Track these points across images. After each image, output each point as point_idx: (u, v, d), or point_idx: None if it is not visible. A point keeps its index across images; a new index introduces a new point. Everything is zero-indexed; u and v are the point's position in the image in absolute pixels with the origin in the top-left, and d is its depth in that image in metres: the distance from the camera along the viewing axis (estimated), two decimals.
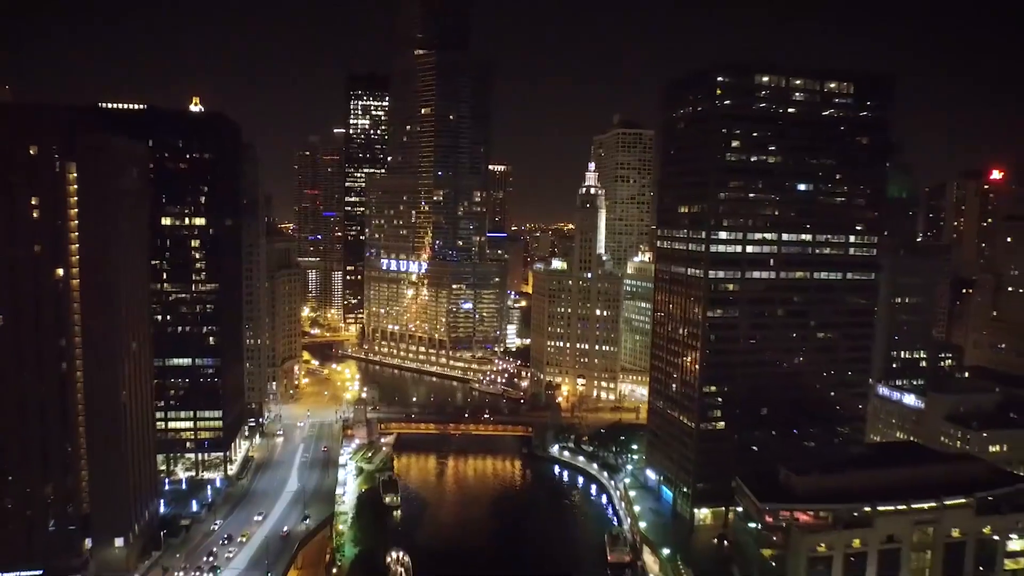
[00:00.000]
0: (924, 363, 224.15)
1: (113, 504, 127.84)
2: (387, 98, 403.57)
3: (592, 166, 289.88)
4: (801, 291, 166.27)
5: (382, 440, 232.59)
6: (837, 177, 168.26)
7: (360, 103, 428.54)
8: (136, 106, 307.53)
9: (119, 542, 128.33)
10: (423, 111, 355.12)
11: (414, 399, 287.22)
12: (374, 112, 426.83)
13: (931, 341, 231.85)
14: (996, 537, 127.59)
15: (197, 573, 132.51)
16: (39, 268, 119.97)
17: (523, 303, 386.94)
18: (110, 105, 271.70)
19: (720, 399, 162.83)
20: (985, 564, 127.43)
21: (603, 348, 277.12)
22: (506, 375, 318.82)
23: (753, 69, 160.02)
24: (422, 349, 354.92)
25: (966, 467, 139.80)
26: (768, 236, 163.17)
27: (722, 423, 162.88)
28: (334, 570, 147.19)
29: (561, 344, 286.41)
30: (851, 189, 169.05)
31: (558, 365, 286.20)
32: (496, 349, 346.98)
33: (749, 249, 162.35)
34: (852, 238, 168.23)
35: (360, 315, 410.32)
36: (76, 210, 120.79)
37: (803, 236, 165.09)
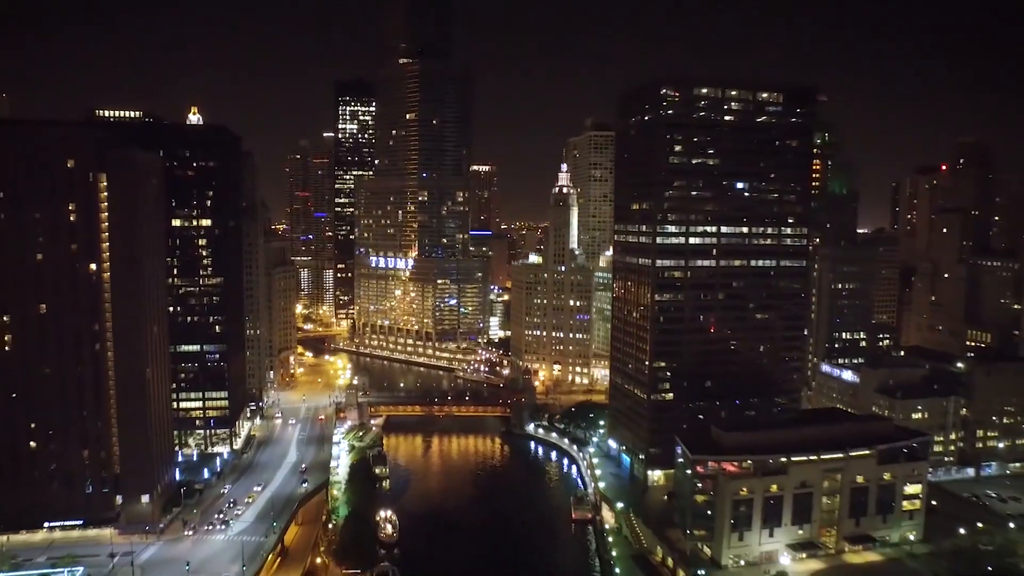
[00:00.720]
0: (864, 343, 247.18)
1: (139, 466, 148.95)
2: (374, 104, 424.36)
3: (564, 167, 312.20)
4: (739, 277, 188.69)
5: (372, 422, 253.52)
6: (771, 176, 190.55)
7: (348, 109, 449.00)
8: (133, 113, 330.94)
9: (145, 499, 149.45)
10: (408, 116, 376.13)
11: (402, 385, 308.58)
12: (362, 117, 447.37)
13: (870, 323, 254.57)
14: (895, 483, 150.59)
15: (211, 526, 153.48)
16: (76, 264, 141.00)
17: (506, 297, 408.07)
18: (108, 113, 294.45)
19: (669, 373, 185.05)
20: (885, 506, 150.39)
21: (576, 336, 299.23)
22: (488, 364, 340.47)
23: (693, 82, 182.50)
24: (410, 341, 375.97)
25: (872, 426, 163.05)
26: (709, 229, 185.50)
27: (671, 395, 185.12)
28: (330, 525, 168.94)
29: (538, 333, 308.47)
30: (782, 186, 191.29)
31: (535, 352, 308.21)
32: (480, 340, 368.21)
33: (692, 241, 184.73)
34: (784, 230, 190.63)
35: (351, 311, 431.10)
36: (106, 214, 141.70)
37: (740, 229, 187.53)
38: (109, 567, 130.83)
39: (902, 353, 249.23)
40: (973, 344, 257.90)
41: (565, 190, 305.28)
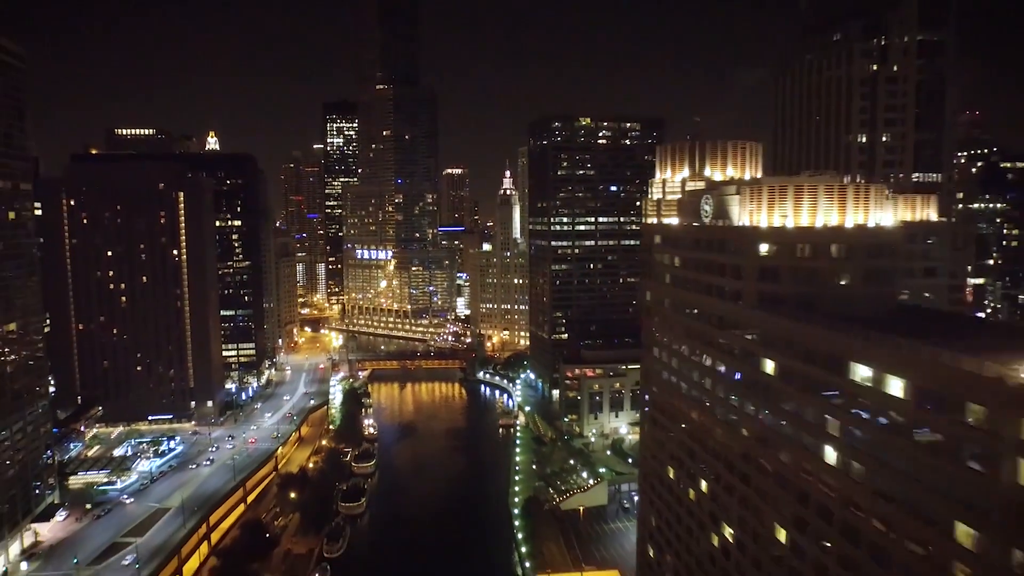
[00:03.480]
0: None
1: (205, 383, 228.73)
2: (357, 121, 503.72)
3: (508, 174, 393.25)
4: (613, 252, 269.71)
5: (360, 374, 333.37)
6: (635, 181, 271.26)
7: (335, 125, 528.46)
8: (146, 131, 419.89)
9: (209, 403, 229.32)
10: (385, 133, 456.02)
11: (383, 348, 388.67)
12: (346, 132, 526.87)
13: None
14: None
15: (253, 425, 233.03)
16: (165, 251, 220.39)
17: None
18: (124, 131, 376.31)
19: (564, 320, 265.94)
20: None
21: (518, 307, 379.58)
22: (454, 334, 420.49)
23: (574, 117, 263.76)
24: (391, 319, 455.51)
25: None
26: (590, 219, 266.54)
27: (565, 335, 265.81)
28: (329, 427, 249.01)
29: (490, 306, 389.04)
30: (642, 188, 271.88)
31: (488, 321, 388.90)
32: (448, 316, 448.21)
33: (578, 227, 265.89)
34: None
35: (341, 297, 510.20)
36: (183, 218, 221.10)
37: (612, 218, 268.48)
38: (192, 440, 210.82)
39: None
40: None
41: (508, 192, 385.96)
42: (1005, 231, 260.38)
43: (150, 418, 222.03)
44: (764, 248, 72.68)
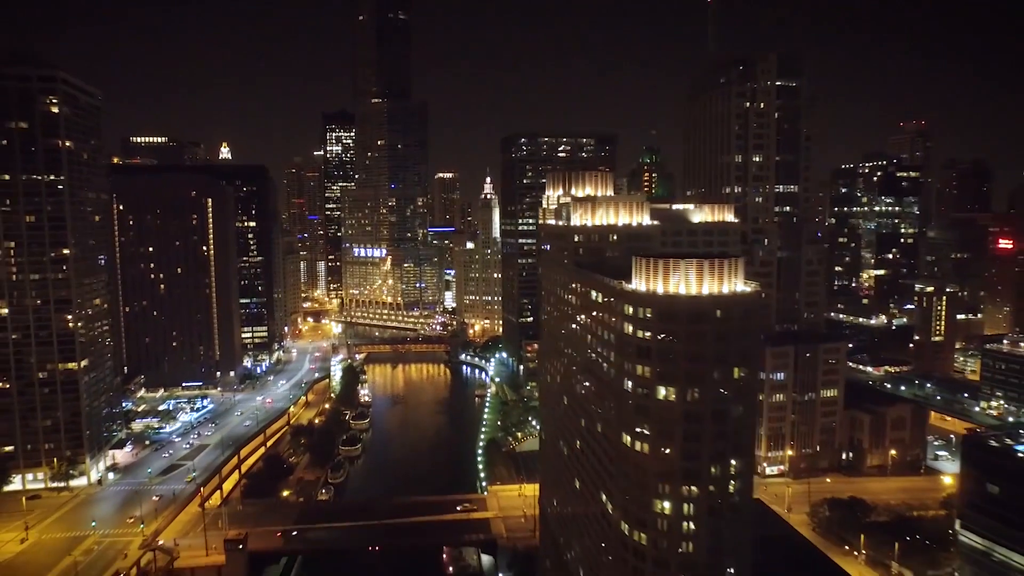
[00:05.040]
0: None
1: (229, 356, 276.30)
2: (354, 131, 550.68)
3: (489, 180, 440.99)
4: None
5: (356, 356, 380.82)
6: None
7: (334, 134, 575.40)
8: (158, 139, 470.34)
9: (231, 374, 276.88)
10: (379, 142, 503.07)
11: (376, 334, 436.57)
12: (344, 141, 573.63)
13: None
14: None
15: (268, 391, 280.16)
16: (195, 248, 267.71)
17: None
18: (139, 139, 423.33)
19: (529, 305, 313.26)
20: None
21: (497, 299, 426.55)
22: (442, 324, 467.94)
23: (537, 134, 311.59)
24: (385, 311, 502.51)
25: None
26: None
27: (531, 318, 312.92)
28: (331, 395, 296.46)
29: (474, 297, 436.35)
30: None
31: (471, 311, 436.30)
32: (436, 308, 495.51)
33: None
34: None
35: (340, 292, 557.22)
36: (211, 220, 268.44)
37: None
38: (220, 401, 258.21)
39: None
40: None
41: (488, 196, 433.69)
42: (902, 229, 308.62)
43: (183, 385, 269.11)
44: (576, 237, 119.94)
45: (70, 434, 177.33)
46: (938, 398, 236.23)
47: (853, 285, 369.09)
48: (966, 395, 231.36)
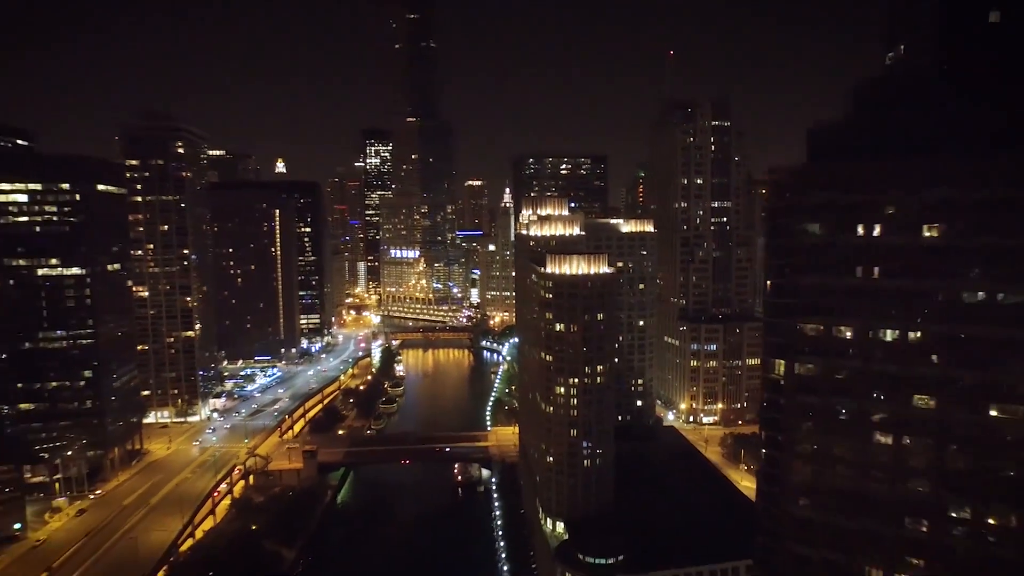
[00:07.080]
0: None
1: (291, 336, 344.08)
2: (391, 145, 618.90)
3: (508, 190, 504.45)
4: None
5: (393, 342, 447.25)
6: (588, 199, 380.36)
7: (372, 148, 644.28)
8: (216, 152, 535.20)
9: (293, 351, 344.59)
10: (412, 156, 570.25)
11: (410, 324, 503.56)
12: (382, 154, 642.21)
13: None
14: None
15: (322, 365, 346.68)
16: (265, 249, 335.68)
17: None
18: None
19: None
20: None
21: (514, 293, 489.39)
22: (468, 318, 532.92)
23: (544, 155, 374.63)
24: (418, 306, 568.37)
25: None
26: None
27: None
28: (372, 370, 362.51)
29: (496, 293, 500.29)
30: (589, 205, 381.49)
31: (493, 306, 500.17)
32: (464, 304, 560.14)
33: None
34: None
35: (378, 289, 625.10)
36: (278, 226, 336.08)
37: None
38: (285, 370, 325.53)
39: None
40: None
41: (507, 204, 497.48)
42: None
43: (255, 358, 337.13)
44: (532, 243, 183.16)
45: (188, 383, 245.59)
46: None
47: None
48: None
